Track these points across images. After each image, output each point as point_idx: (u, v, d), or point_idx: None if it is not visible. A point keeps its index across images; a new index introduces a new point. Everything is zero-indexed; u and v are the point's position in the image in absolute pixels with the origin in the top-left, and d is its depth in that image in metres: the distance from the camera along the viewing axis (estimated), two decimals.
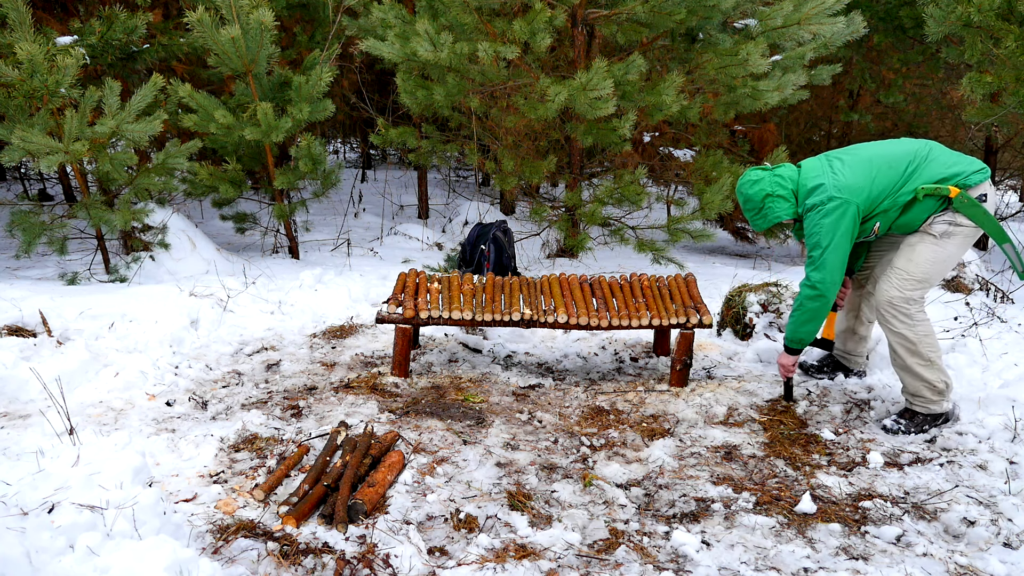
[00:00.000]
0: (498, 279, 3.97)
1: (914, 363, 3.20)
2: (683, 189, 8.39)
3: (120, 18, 5.19)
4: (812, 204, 3.22)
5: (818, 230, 3.19)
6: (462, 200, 8.90)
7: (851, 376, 3.82)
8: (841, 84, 8.72)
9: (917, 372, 3.21)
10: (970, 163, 3.18)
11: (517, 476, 2.81)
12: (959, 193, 3.10)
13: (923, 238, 3.22)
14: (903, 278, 3.21)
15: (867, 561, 2.34)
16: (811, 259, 3.23)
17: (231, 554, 2.24)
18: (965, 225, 3.15)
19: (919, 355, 3.19)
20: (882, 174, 3.18)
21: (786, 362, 3.45)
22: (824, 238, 3.18)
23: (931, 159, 3.19)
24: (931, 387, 3.21)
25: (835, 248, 3.17)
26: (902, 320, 3.20)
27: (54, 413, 3.01)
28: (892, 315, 3.21)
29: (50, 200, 7.46)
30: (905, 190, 3.16)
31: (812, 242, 3.22)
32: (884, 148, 3.29)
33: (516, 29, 5.14)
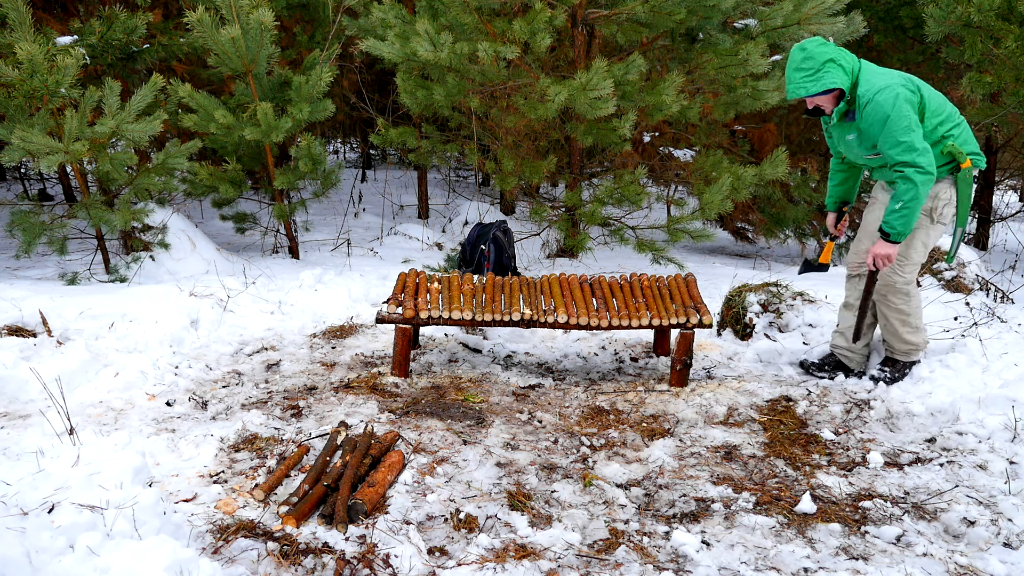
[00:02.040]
0: (498, 279, 3.97)
1: (905, 331, 3.60)
2: (683, 189, 8.39)
3: (120, 18, 5.19)
4: (885, 85, 3.19)
5: (904, 113, 3.16)
6: (462, 200, 8.90)
7: (851, 376, 3.82)
8: None
9: (907, 338, 3.61)
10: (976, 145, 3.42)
11: (517, 476, 2.81)
12: (968, 167, 3.31)
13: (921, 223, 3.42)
14: (904, 264, 3.48)
15: (867, 561, 2.34)
16: (905, 144, 3.17)
17: (231, 554, 2.24)
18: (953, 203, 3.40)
19: (909, 324, 3.58)
20: (933, 101, 3.31)
21: (890, 252, 3.36)
22: (912, 121, 3.17)
23: (964, 126, 3.39)
24: (916, 347, 3.65)
25: (919, 128, 3.20)
26: (902, 299, 3.52)
27: (54, 413, 3.01)
28: (895, 296, 3.52)
29: (50, 200, 7.46)
30: (938, 131, 3.29)
31: (900, 126, 3.16)
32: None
33: (516, 29, 5.14)
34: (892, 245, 3.34)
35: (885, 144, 3.22)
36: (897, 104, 3.16)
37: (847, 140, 3.44)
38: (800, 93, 3.27)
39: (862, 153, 3.44)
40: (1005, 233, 9.21)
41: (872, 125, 3.24)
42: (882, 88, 3.19)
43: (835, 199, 3.90)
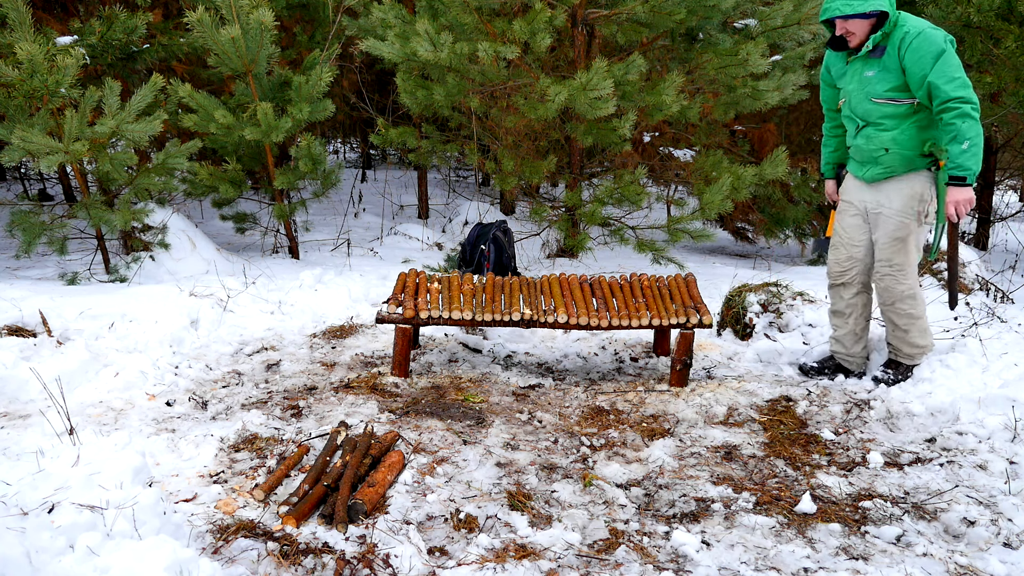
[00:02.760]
0: (498, 279, 3.97)
1: (916, 335, 3.58)
2: (683, 189, 8.39)
3: (120, 18, 5.19)
4: (934, 27, 3.17)
5: (954, 52, 3.13)
6: (462, 200, 8.90)
7: (851, 377, 3.83)
8: None
9: (916, 342, 3.59)
10: None
11: (517, 476, 2.81)
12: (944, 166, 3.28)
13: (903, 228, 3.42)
14: (904, 272, 3.47)
15: (867, 561, 2.34)
16: (961, 80, 3.11)
17: (231, 554, 2.24)
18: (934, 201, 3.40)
19: (919, 327, 3.57)
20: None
21: (970, 196, 3.22)
22: (960, 65, 3.14)
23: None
24: (923, 350, 3.62)
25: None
26: (910, 303, 3.50)
27: (54, 413, 3.01)
28: (903, 303, 3.51)
29: (50, 200, 7.46)
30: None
31: (954, 62, 3.11)
32: None
33: (516, 29, 5.14)
34: (969, 188, 3.20)
35: (940, 78, 3.10)
36: (949, 43, 3.13)
37: (864, 76, 3.34)
38: (845, 11, 3.16)
39: (875, 93, 3.32)
40: (1005, 233, 9.21)
41: (921, 58, 3.13)
42: (932, 27, 3.17)
43: (832, 164, 3.85)
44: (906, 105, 3.28)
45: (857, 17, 3.19)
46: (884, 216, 3.46)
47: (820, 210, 8.23)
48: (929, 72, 3.12)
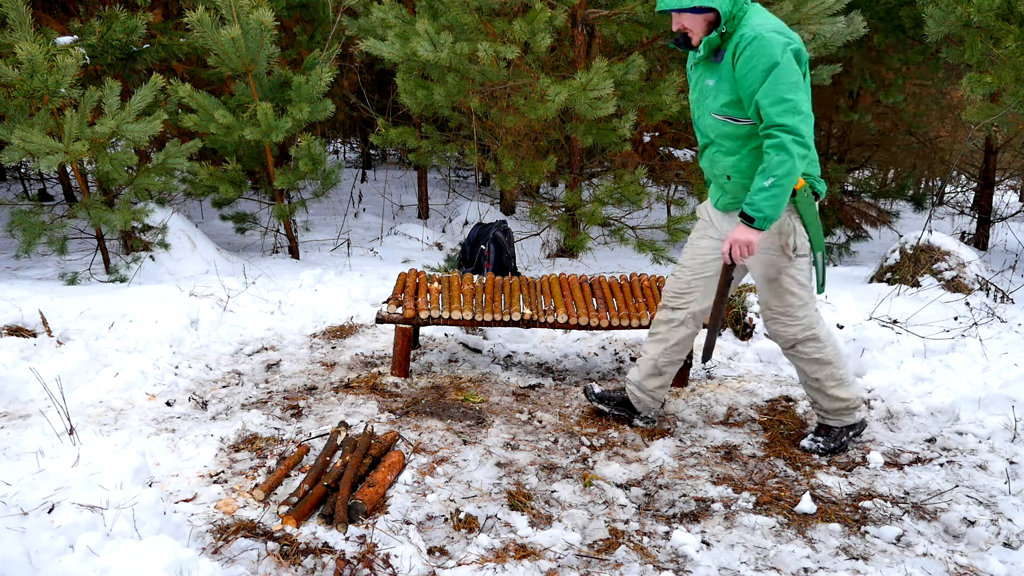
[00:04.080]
0: (498, 279, 3.97)
1: (831, 385, 2.99)
2: (683, 189, 8.39)
3: (120, 18, 5.19)
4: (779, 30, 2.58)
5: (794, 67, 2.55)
6: (462, 200, 8.90)
7: (637, 419, 3.28)
8: (841, 84, 8.71)
9: (834, 394, 3.00)
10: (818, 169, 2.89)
11: (517, 476, 2.81)
12: (804, 186, 2.74)
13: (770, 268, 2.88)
14: (788, 315, 2.93)
15: (867, 561, 2.34)
16: (790, 104, 2.53)
17: (231, 554, 2.24)
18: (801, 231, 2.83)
19: (834, 377, 2.98)
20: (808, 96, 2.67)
21: (752, 239, 2.69)
22: (800, 81, 2.56)
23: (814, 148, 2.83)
24: (848, 405, 3.03)
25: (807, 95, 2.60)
26: (814, 346, 2.95)
27: (54, 413, 3.01)
28: (804, 347, 2.96)
29: (50, 200, 7.46)
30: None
31: (788, 80, 2.53)
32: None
33: (516, 29, 5.14)
34: (755, 232, 2.66)
35: (767, 97, 2.53)
36: (788, 55, 2.53)
37: (705, 85, 2.77)
38: (669, 4, 2.63)
39: (713, 107, 2.75)
40: (1005, 233, 9.21)
41: (751, 71, 2.56)
42: (776, 31, 2.56)
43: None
44: (747, 126, 2.69)
45: (688, 11, 2.65)
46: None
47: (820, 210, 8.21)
48: (758, 89, 2.56)
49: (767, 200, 2.59)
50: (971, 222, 9.10)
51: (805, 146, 2.56)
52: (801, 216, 2.79)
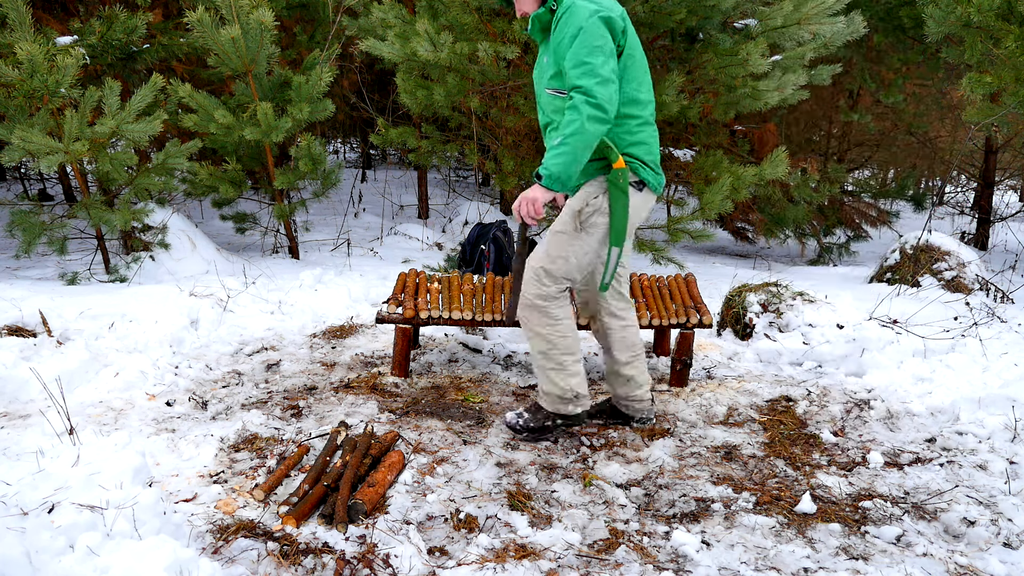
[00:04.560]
0: (498, 279, 3.97)
1: (549, 368, 2.93)
2: (683, 189, 8.40)
3: (120, 18, 5.19)
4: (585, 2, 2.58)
5: (601, 32, 2.53)
6: (462, 200, 8.90)
7: (635, 423, 3.24)
8: (841, 84, 8.72)
9: (550, 377, 2.94)
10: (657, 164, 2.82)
11: (517, 476, 2.81)
12: (622, 168, 2.68)
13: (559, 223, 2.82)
14: (543, 276, 2.84)
15: (867, 561, 2.34)
16: (588, 67, 2.51)
17: (231, 554, 2.24)
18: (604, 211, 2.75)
19: (551, 359, 2.91)
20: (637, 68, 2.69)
21: (537, 197, 2.66)
22: (607, 47, 2.53)
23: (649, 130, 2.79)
24: (562, 396, 2.96)
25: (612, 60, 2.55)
26: (542, 321, 2.87)
27: (54, 413, 3.01)
28: (534, 315, 2.88)
29: (50, 200, 7.46)
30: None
31: (591, 44, 2.52)
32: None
33: (516, 29, 5.14)
34: (544, 191, 2.64)
35: (570, 61, 2.54)
36: (594, 20, 2.53)
37: (541, 62, 2.79)
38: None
39: (545, 82, 2.75)
40: (1005, 233, 9.22)
41: (563, 40, 2.58)
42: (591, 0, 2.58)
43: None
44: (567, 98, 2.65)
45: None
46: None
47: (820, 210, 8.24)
48: (566, 58, 2.57)
49: (554, 158, 2.57)
50: (971, 222, 9.11)
51: (599, 108, 2.51)
52: (611, 199, 2.72)
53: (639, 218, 2.84)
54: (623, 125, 2.72)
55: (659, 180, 2.82)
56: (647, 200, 2.84)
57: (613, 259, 2.78)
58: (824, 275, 6.67)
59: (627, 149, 2.74)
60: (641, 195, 2.79)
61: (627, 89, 2.69)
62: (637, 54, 2.71)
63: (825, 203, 8.24)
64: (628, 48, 2.66)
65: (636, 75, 2.70)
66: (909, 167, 11.43)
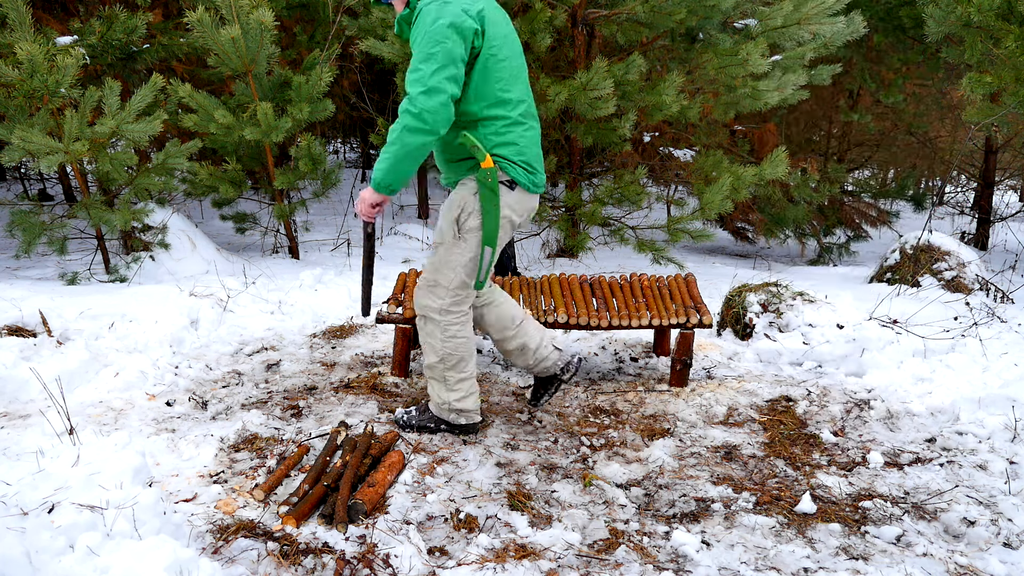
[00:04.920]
0: (498, 279, 3.97)
1: (431, 374, 2.97)
2: (683, 189, 8.40)
3: (120, 18, 5.19)
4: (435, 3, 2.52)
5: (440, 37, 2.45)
6: None
7: (564, 379, 3.23)
8: (841, 84, 8.73)
9: (432, 384, 2.99)
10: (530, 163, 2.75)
11: (517, 476, 2.81)
12: (491, 168, 2.64)
13: (439, 235, 2.83)
14: (434, 287, 2.86)
15: (867, 561, 2.34)
16: (419, 74, 2.48)
17: (231, 554, 2.24)
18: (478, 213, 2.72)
19: (435, 369, 2.94)
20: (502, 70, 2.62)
21: (372, 200, 2.71)
22: (444, 53, 2.45)
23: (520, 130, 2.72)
24: (450, 407, 2.98)
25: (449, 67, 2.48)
26: (435, 332, 2.90)
27: (54, 413, 3.01)
28: (429, 326, 2.92)
29: (50, 200, 7.46)
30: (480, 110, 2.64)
31: (426, 50, 2.47)
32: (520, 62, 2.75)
33: (516, 29, 5.14)
34: (372, 193, 2.69)
35: (410, 65, 2.53)
36: (438, 24, 2.45)
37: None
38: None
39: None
40: (1005, 233, 9.22)
41: (413, 43, 2.57)
42: (442, 1, 2.50)
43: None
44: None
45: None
46: None
47: (820, 210, 8.24)
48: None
49: (379, 163, 2.60)
50: (971, 222, 9.11)
51: (418, 119, 2.47)
52: (481, 199, 2.70)
53: (517, 216, 2.81)
54: (490, 126, 2.67)
55: (532, 179, 2.77)
56: (523, 199, 2.80)
57: (487, 259, 2.76)
58: (824, 275, 6.67)
59: (494, 149, 2.69)
60: (515, 194, 2.76)
61: (491, 90, 2.63)
62: (505, 54, 2.64)
63: (825, 203, 8.24)
64: (490, 49, 2.59)
65: (501, 75, 2.63)
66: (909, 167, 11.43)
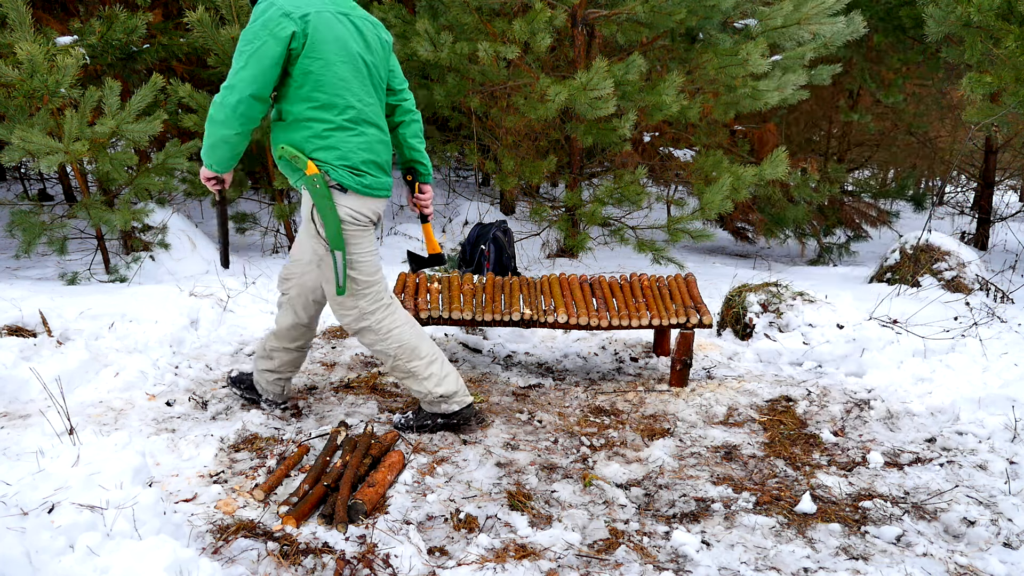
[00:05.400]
0: (498, 279, 3.97)
1: (398, 375, 2.99)
2: (683, 189, 8.40)
3: (120, 18, 5.19)
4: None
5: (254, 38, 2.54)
6: (462, 200, 8.90)
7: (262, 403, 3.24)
8: (841, 84, 8.73)
9: (407, 385, 3.01)
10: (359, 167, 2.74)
11: (517, 476, 2.81)
12: (316, 174, 2.66)
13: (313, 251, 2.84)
14: (338, 302, 2.89)
15: (867, 561, 2.34)
16: (232, 70, 2.58)
17: (231, 554, 2.24)
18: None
19: (399, 368, 2.96)
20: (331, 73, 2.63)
21: (203, 174, 2.85)
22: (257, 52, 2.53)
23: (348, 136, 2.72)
24: (443, 399, 2.99)
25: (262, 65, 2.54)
26: (373, 338, 2.92)
27: (54, 413, 3.01)
28: (366, 336, 2.93)
29: (50, 200, 7.46)
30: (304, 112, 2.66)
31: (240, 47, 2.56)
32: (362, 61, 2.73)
33: (516, 29, 5.14)
34: (204, 168, 2.80)
35: None
36: (256, 24, 2.54)
37: None
38: None
39: None
40: (1005, 233, 9.22)
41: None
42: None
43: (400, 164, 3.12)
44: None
45: None
46: None
47: (820, 210, 8.24)
48: None
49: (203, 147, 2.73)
50: (971, 222, 9.11)
51: (216, 109, 2.57)
52: (315, 204, 2.72)
53: (366, 214, 2.80)
54: (309, 129, 2.68)
55: (361, 181, 2.74)
56: (364, 201, 2.79)
57: (339, 262, 2.75)
58: (824, 275, 6.67)
59: (314, 154, 2.69)
60: (351, 196, 2.75)
61: (312, 93, 2.63)
62: (331, 59, 2.63)
63: (825, 203, 8.24)
64: (314, 53, 2.59)
65: (328, 80, 2.63)
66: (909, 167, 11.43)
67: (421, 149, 3.10)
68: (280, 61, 2.56)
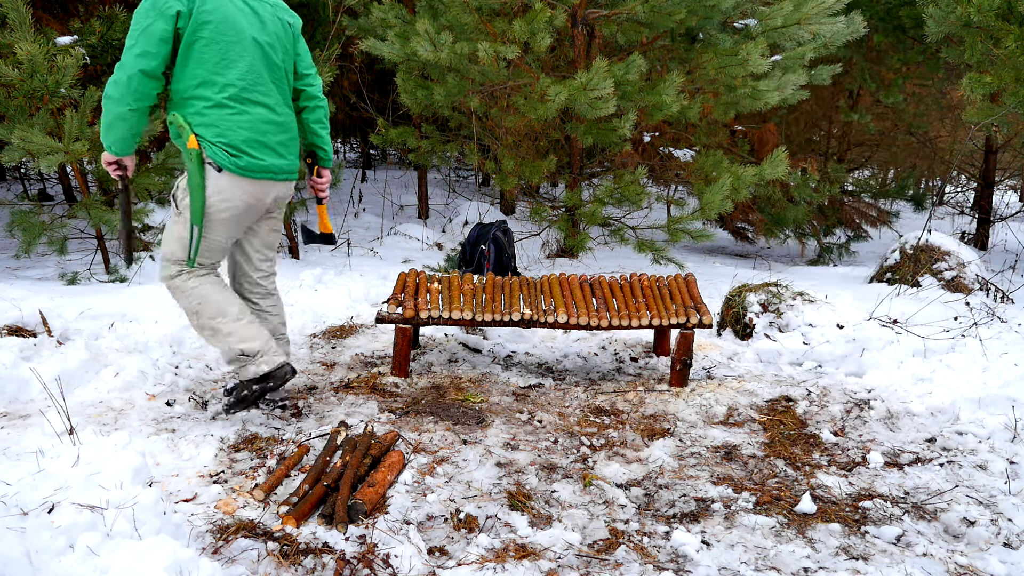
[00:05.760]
0: (498, 279, 3.97)
1: (202, 334, 3.06)
2: (683, 189, 8.41)
3: (120, 18, 5.19)
4: None
5: (143, 17, 2.64)
6: (462, 200, 8.91)
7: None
8: (841, 84, 8.73)
9: (213, 344, 3.07)
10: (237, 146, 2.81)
11: (517, 476, 2.81)
12: (196, 148, 2.75)
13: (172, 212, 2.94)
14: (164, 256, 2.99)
15: (867, 561, 2.34)
16: (125, 47, 2.67)
17: (231, 554, 2.24)
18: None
19: (203, 327, 3.02)
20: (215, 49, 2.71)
21: (104, 158, 2.91)
22: (147, 30, 2.63)
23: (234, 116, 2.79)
24: (243, 356, 3.03)
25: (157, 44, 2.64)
26: (180, 297, 3.02)
27: (54, 413, 3.01)
28: (174, 296, 3.04)
29: (50, 200, 7.46)
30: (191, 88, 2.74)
31: (132, 27, 2.67)
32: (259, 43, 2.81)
33: (516, 29, 5.14)
34: (105, 151, 2.86)
35: None
36: (145, 4, 2.64)
37: None
38: None
39: None
40: (1005, 233, 9.22)
41: None
42: None
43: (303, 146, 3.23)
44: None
45: None
46: None
47: (820, 210, 8.24)
48: None
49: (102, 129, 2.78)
50: (971, 222, 9.11)
51: (110, 86, 2.65)
52: (188, 178, 2.80)
53: (238, 202, 2.86)
54: (192, 106, 2.76)
55: (236, 162, 2.79)
56: (240, 183, 2.84)
57: (195, 236, 2.84)
58: (824, 275, 6.67)
59: (196, 129, 2.77)
60: (225, 177, 2.80)
61: (196, 71, 2.72)
62: (217, 38, 2.71)
63: (825, 203, 8.24)
64: (198, 31, 2.68)
65: (210, 57, 2.72)
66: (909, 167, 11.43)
67: (323, 135, 3.21)
68: (168, 38, 2.65)
